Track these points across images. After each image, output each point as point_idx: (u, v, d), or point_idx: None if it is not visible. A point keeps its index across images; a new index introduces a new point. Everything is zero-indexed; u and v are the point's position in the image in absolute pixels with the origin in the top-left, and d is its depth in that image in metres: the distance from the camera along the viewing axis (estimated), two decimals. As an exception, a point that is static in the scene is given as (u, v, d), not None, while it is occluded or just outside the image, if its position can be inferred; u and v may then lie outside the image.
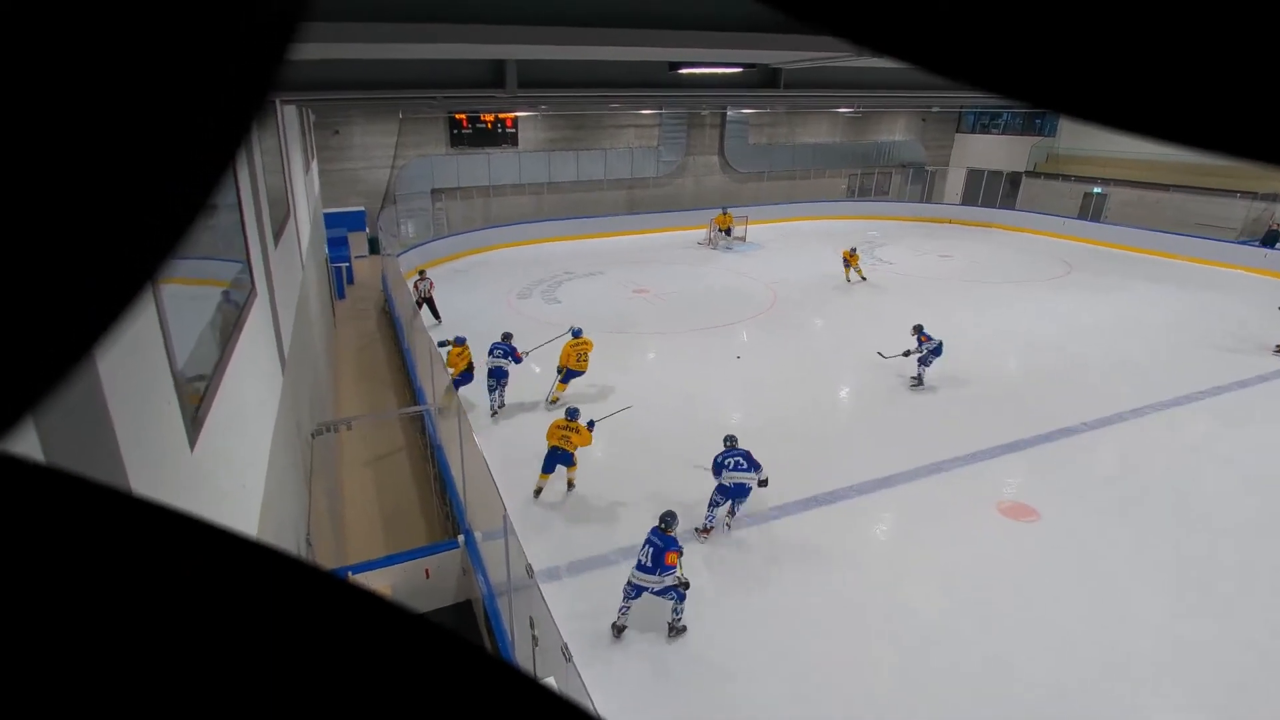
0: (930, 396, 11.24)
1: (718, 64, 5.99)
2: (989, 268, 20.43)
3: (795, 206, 28.24)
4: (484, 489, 6.02)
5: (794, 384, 11.69)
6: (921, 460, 9.14)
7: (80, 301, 0.21)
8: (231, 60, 0.22)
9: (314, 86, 6.01)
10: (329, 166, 21.24)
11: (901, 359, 12.10)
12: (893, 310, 15.99)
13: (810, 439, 9.75)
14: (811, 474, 8.80)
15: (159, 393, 2.22)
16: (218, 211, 3.65)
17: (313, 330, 9.17)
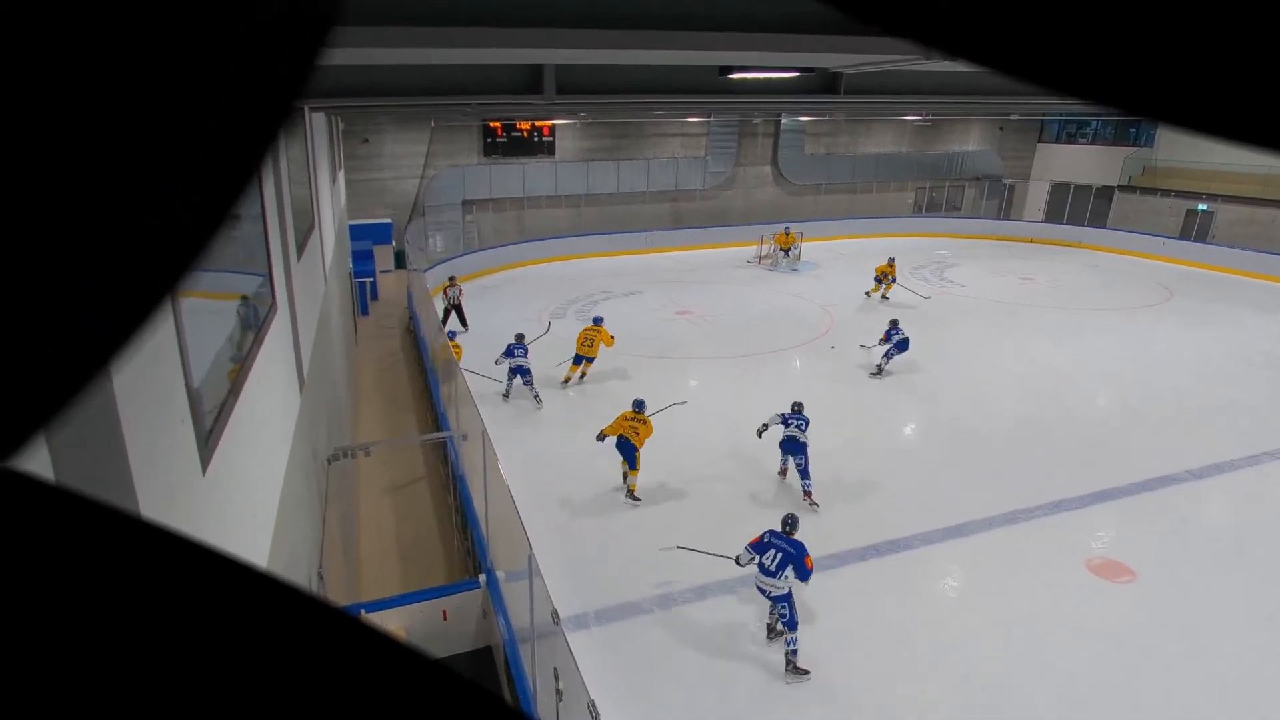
0: (1007, 436, 10.93)
1: (772, 68, 6.03)
2: (1075, 292, 19.89)
3: (855, 223, 28.06)
4: (508, 524, 6.04)
5: (851, 417, 11.50)
6: (997, 507, 8.86)
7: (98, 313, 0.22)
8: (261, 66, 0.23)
9: (345, 93, 6.25)
10: (356, 176, 21.96)
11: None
12: (964, 337, 15.67)
13: (870, 480, 9.55)
14: (870, 519, 8.60)
15: (173, 411, 2.30)
16: (241, 222, 3.80)
17: (333, 349, 9.41)
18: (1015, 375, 13.47)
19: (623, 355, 14.34)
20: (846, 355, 14.52)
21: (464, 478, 8.47)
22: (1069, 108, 20.52)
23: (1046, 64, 0.19)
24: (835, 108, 18.95)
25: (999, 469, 9.91)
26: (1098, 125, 29.08)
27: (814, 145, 28.06)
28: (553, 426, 11.23)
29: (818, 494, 9.04)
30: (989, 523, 8.58)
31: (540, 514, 8.52)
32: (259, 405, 3.90)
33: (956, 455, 10.32)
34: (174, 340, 2.38)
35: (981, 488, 9.35)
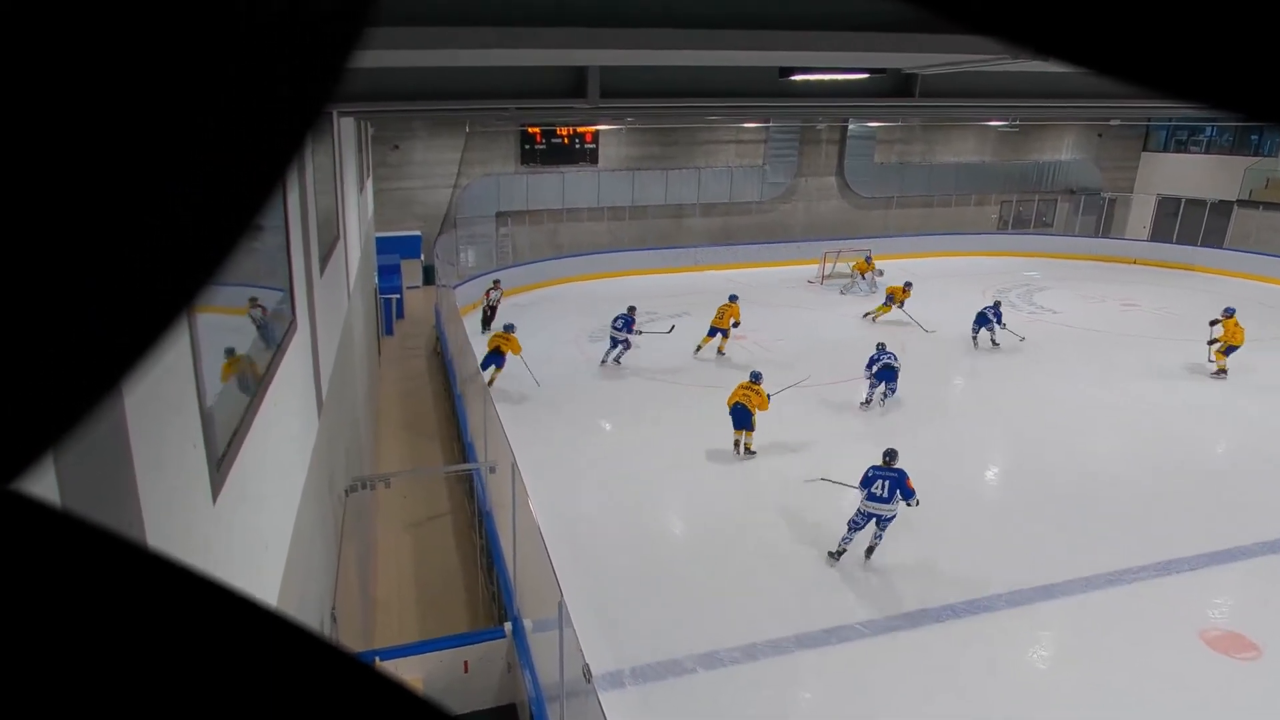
0: (1107, 485, 10.56)
1: (839, 69, 6.03)
2: (1186, 321, 19.21)
3: (932, 239, 27.71)
4: (537, 567, 6.04)
5: (924, 459, 11.25)
6: (1095, 565, 8.54)
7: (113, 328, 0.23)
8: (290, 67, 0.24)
9: (376, 97, 6.46)
10: (385, 185, 22.58)
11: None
12: (1055, 370, 15.26)
13: (946, 530, 9.31)
14: (945, 575, 8.36)
15: (185, 433, 2.38)
16: (263, 233, 3.94)
17: (354, 370, 9.61)
18: (1115, 414, 13.04)
19: (670, 384, 14.35)
20: (923, 388, 14.25)
21: (491, 514, 8.52)
22: (1180, 112, 20.01)
23: (1154, 64, 0.18)
24: (909, 112, 18.84)
25: (1097, 522, 9.56)
26: (1213, 132, 28.26)
27: (885, 153, 27.89)
28: (591, 461, 11.25)
29: (886, 547, 8.84)
30: (1085, 584, 8.26)
31: (572, 556, 8.51)
32: (274, 429, 3.99)
33: (1046, 504, 10.00)
34: (189, 357, 2.46)
35: (1076, 543, 9.03)
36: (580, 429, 12.41)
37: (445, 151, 23.27)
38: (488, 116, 16.59)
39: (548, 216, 24.58)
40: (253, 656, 0.24)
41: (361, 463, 9.55)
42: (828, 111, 18.12)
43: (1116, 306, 20.59)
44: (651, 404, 13.40)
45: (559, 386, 14.28)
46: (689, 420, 12.56)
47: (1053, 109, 10.90)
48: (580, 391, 14.06)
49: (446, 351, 14.88)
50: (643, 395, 13.85)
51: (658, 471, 10.79)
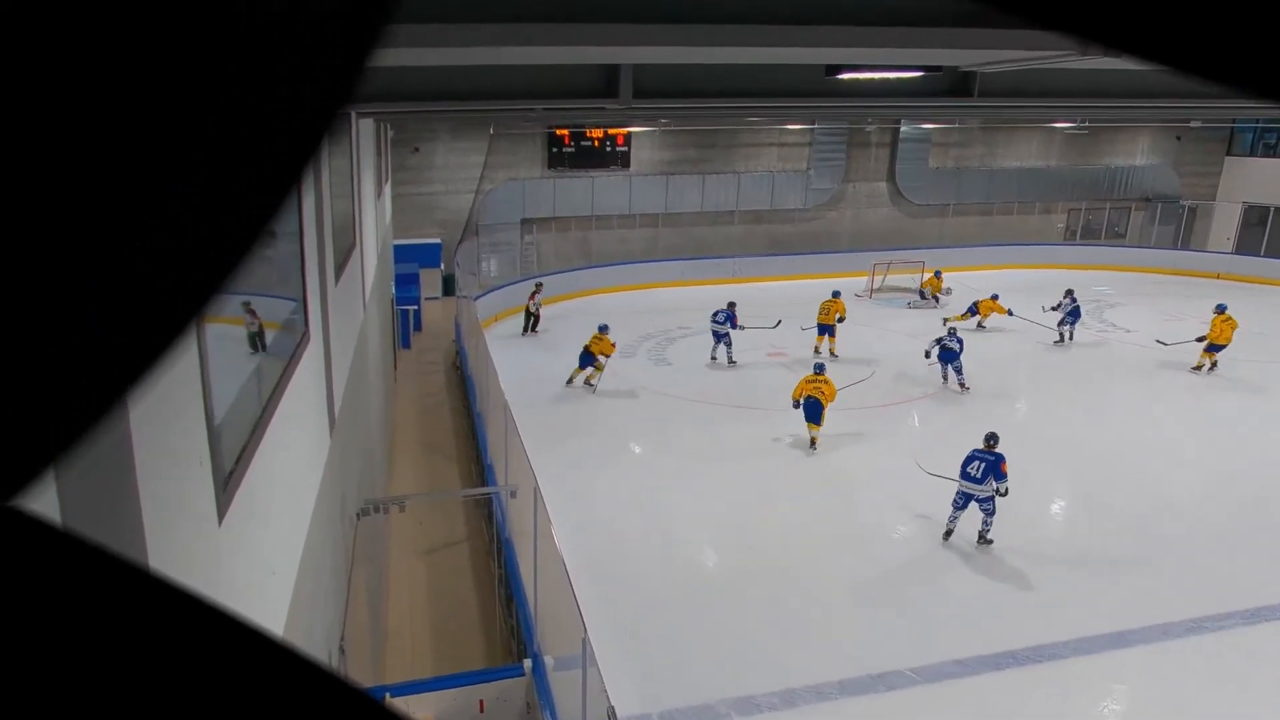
0: (1188, 522, 10.29)
1: (890, 66, 6.02)
2: (1275, 342, 18.74)
3: (991, 251, 27.37)
4: (560, 600, 6.03)
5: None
6: (1172, 611, 8.31)
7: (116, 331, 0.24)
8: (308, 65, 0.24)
9: (396, 97, 6.57)
10: (404, 190, 22.92)
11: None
12: (1127, 396, 14.96)
13: (1005, 570, 9.14)
14: (1006, 617, 8.20)
15: (191, 450, 2.42)
16: (275, 240, 4.01)
17: (369, 385, 9.71)
18: (1195, 444, 12.73)
19: (703, 404, 14.31)
20: (982, 413, 14.04)
21: (510, 542, 8.53)
22: (1269, 112, 19.59)
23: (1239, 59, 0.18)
24: (967, 112, 18.67)
25: (1175, 561, 9.32)
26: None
27: (940, 157, 27.69)
28: (620, 486, 11.24)
29: (938, 581, 8.70)
30: (1163, 631, 8.04)
31: (597, 588, 8.48)
32: (284, 447, 4.04)
33: (1118, 544, 9.77)
34: (196, 368, 2.50)
35: (1152, 585, 8.80)
36: (608, 451, 12.41)
37: (468, 155, 23.56)
38: (513, 117, 16.79)
39: (576, 224, 24.73)
40: (257, 689, 0.24)
41: (374, 484, 9.63)
42: (878, 112, 18.05)
43: (1197, 326, 20.13)
44: (684, 425, 13.36)
45: (586, 406, 14.31)
46: (725, 443, 12.51)
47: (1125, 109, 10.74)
48: (608, 412, 14.08)
49: (466, 367, 15.00)
50: (674, 415, 13.83)
51: (690, 498, 10.74)
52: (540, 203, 24.22)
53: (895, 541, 9.95)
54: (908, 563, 9.35)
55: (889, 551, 9.63)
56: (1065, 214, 29.32)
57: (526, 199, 24.08)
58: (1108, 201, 29.41)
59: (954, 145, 27.65)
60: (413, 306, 19.52)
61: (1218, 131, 28.99)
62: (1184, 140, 29.30)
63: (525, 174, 24.12)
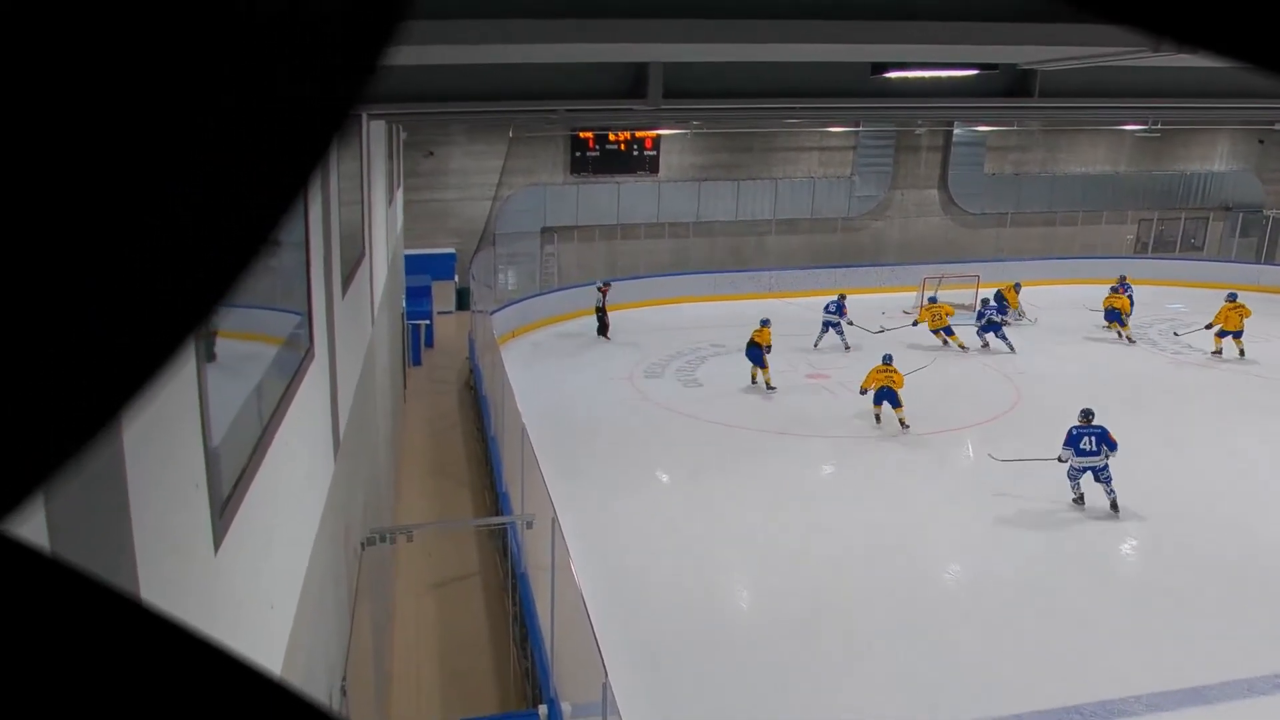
0: (1269, 566, 10.04)
1: (942, 64, 6.01)
2: (1374, 367, 18.34)
3: (1054, 265, 27.05)
4: (579, 640, 6.00)
5: (1046, 529, 10.89)
6: (1258, 665, 8.11)
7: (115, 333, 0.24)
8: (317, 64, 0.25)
9: (410, 98, 6.66)
10: (416, 196, 23.15)
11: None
12: (1207, 425, 14.68)
13: (1070, 613, 8.97)
14: (1071, 669, 8.05)
15: (186, 474, 2.45)
16: (280, 249, 4.06)
17: (377, 405, 9.77)
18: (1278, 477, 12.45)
19: (736, 430, 14.25)
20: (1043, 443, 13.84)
21: (526, 576, 8.52)
22: (1360, 114, 19.27)
23: None
24: (1027, 113, 18.53)
25: (1260, 611, 9.09)
26: (1404, 138, 27.17)
27: (997, 162, 27.50)
28: (645, 518, 11.20)
29: (990, 627, 8.56)
30: (1247, 687, 7.84)
31: (620, 628, 8.43)
32: (285, 471, 4.07)
33: (1195, 588, 9.56)
34: (194, 385, 2.54)
35: (1234, 636, 8.59)
36: (633, 480, 12.38)
37: (485, 159, 23.76)
38: (534, 119, 16.92)
39: (600, 233, 24.83)
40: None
41: (381, 512, 9.67)
42: (928, 113, 18.00)
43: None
44: (716, 452, 13.30)
45: (610, 431, 14.31)
46: (760, 473, 12.42)
47: (1201, 110, 10.62)
48: (633, 436, 14.06)
49: (481, 387, 15.07)
50: (706, 442, 13.77)
51: (721, 532, 10.67)
52: (562, 210, 24.35)
53: (945, 584, 9.82)
54: (956, 607, 9.21)
55: (936, 594, 9.49)
56: (1136, 224, 28.93)
57: (547, 206, 24.22)
58: (1183, 211, 28.99)
59: (1012, 149, 27.45)
60: (424, 321, 19.65)
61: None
62: (1268, 144, 28.87)
63: (546, 180, 24.28)
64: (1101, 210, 28.44)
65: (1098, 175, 28.26)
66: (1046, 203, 28.00)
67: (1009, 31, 3.74)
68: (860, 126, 24.86)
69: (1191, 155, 28.86)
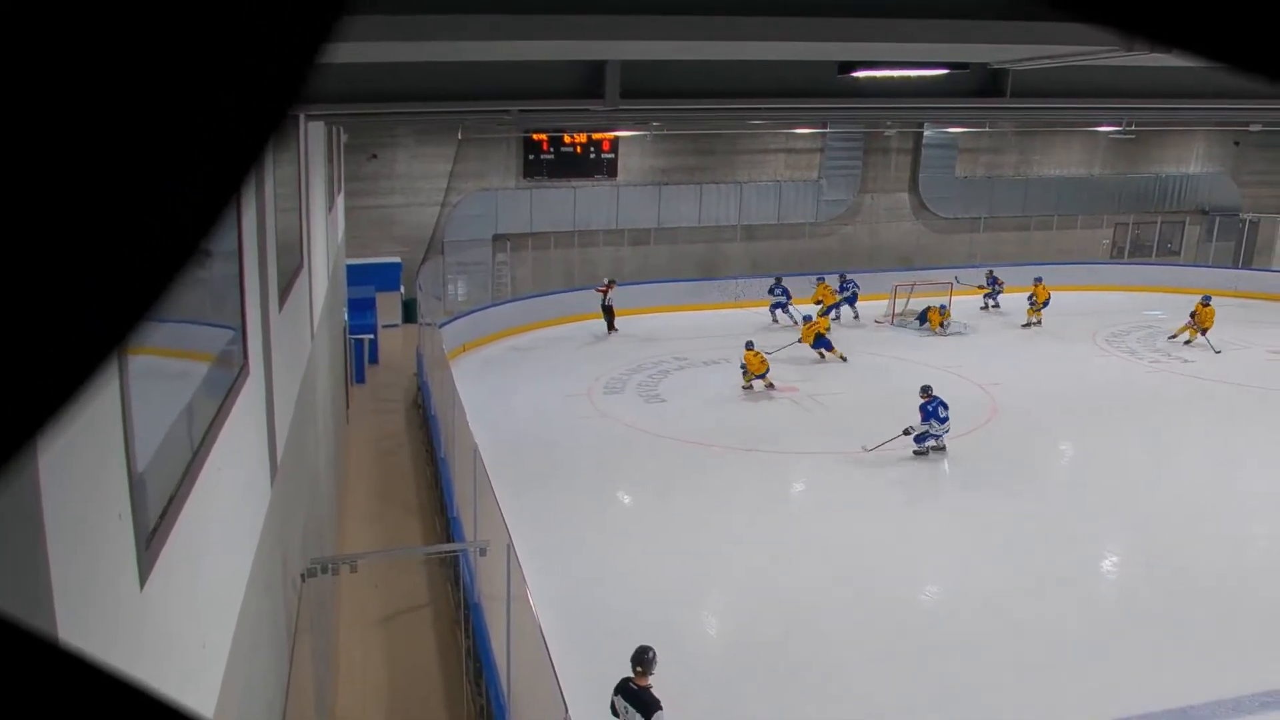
0: (1251, 581, 10.29)
1: (911, 63, 6.10)
2: (1354, 374, 18.90)
3: (1028, 270, 27.55)
4: (538, 676, 5.96)
5: (1026, 551, 11.04)
6: (1241, 685, 8.29)
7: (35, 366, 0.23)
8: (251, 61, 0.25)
9: (351, 97, 6.61)
10: (359, 202, 22.98)
11: None
12: (1189, 436, 15.03)
13: (1051, 635, 9.11)
14: (1052, 691, 8.16)
15: (109, 503, 2.39)
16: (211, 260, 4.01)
17: (317, 427, 9.66)
18: (1262, 489, 12.77)
19: (702, 447, 14.29)
20: (1017, 454, 14.07)
21: (480, 606, 8.47)
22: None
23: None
24: (999, 114, 18.91)
25: (1243, 629, 9.31)
26: (1379, 139, 28.12)
27: (969, 165, 27.99)
28: (606, 542, 11.17)
29: (973, 649, 8.65)
30: (1233, 706, 8.01)
31: (581, 661, 8.39)
32: (217, 499, 4.01)
33: (1176, 605, 9.77)
34: (118, 408, 2.48)
35: (1217, 655, 8.79)
36: (594, 503, 12.35)
37: (432, 162, 23.67)
38: (485, 120, 16.90)
39: (556, 240, 24.82)
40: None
41: (322, 541, 9.55)
42: (898, 114, 18.27)
43: (1263, 355, 20.30)
44: (681, 472, 13.33)
45: (569, 451, 14.27)
46: (728, 492, 12.46)
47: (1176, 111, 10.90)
48: (593, 456, 14.04)
49: (429, 405, 14.95)
50: (670, 460, 13.80)
51: (687, 556, 10.67)
52: (515, 217, 24.29)
53: (921, 604, 9.92)
54: (934, 627, 9.31)
55: (912, 615, 9.58)
56: (1112, 228, 29.59)
57: (499, 213, 24.16)
58: (1159, 214, 29.71)
59: (984, 151, 27.95)
60: (368, 336, 19.47)
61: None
62: (1243, 146, 29.72)
63: (498, 184, 24.23)
64: (1077, 214, 29.04)
65: (1072, 178, 28.87)
66: (1020, 206, 28.52)
67: (980, 30, 3.81)
68: (827, 128, 25.17)
69: (1167, 157, 29.62)
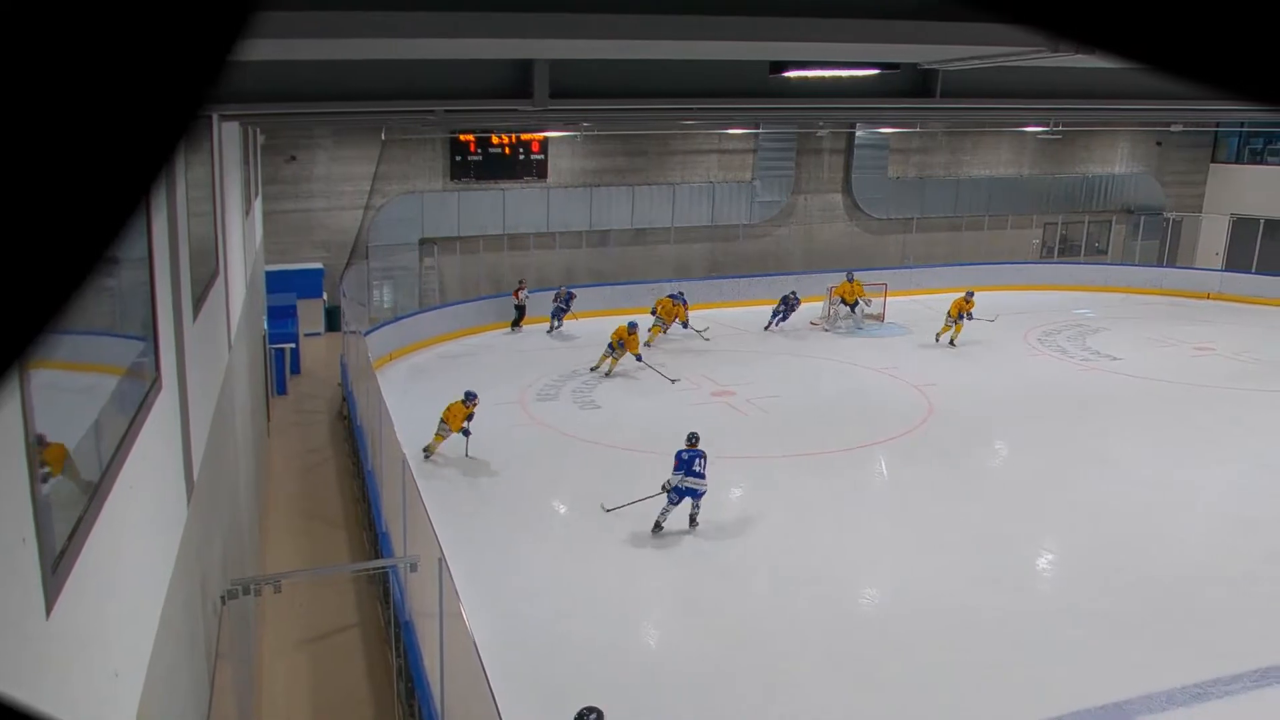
0: (1186, 576, 10.66)
1: (842, 63, 6.21)
2: (1275, 369, 19.72)
3: (960, 271, 28.24)
4: (473, 693, 5.92)
5: (959, 549, 11.28)
6: (1175, 677, 8.57)
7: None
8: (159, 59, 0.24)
9: (268, 97, 6.49)
10: (278, 206, 22.59)
11: None
12: (1118, 432, 15.49)
13: (996, 638, 9.32)
14: (990, 690, 8.34)
15: (12, 526, 2.31)
16: (119, 268, 3.90)
17: (236, 441, 9.49)
18: (1192, 484, 13.24)
19: (639, 454, 14.31)
20: (953, 455, 14.37)
21: (411, 624, 8.37)
22: (1253, 115, 20.79)
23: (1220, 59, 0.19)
24: (929, 115, 19.36)
25: (1175, 623, 9.63)
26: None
27: (901, 166, 28.57)
28: (543, 553, 11.12)
29: (915, 652, 8.81)
30: (1166, 699, 8.28)
31: (519, 678, 8.34)
32: (129, 520, 3.91)
33: (1108, 601, 10.06)
34: (19, 426, 2.41)
35: (1149, 649, 9.08)
36: (529, 514, 12.28)
37: (354, 164, 23.37)
38: (409, 121, 16.74)
39: (485, 244, 24.66)
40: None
41: (243, 561, 9.37)
42: (829, 114, 18.56)
43: (1189, 351, 21.08)
44: (618, 480, 13.29)
45: (502, 461, 14.17)
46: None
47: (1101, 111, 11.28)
48: (527, 466, 13.97)
49: (355, 416, 14.72)
50: (607, 469, 13.79)
51: (627, 567, 10.69)
52: (442, 220, 24.09)
53: (864, 609, 10.07)
54: (876, 631, 9.45)
55: (856, 621, 9.73)
56: (1040, 228, 30.43)
57: (425, 216, 23.94)
58: (1086, 214, 30.66)
59: (915, 152, 28.56)
60: (290, 345, 19.15)
61: (1201, 137, 30.63)
62: (1165, 146, 30.87)
63: (423, 187, 24.01)
64: (1007, 214, 29.82)
65: (1002, 178, 29.65)
66: (952, 207, 29.19)
67: (909, 30, 3.89)
68: (760, 128, 25.47)
69: (1093, 158, 30.62)
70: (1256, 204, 29.72)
